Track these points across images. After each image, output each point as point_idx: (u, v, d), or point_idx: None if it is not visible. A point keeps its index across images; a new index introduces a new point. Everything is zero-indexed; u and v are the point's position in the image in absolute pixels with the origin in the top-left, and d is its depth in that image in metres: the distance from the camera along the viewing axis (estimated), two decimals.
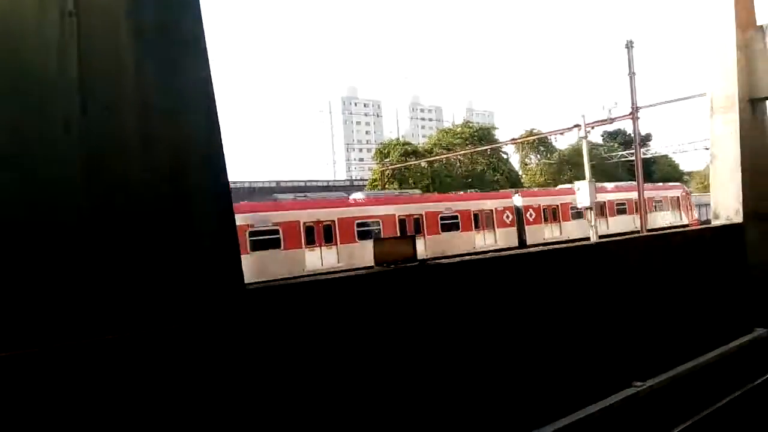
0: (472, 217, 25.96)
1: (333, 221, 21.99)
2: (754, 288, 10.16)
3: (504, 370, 6.29)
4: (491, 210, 26.55)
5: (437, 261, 7.31)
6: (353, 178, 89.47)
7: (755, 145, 11.30)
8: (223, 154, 3.25)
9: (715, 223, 11.40)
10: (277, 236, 20.94)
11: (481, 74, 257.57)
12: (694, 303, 9.12)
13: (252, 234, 20.35)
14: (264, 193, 38.50)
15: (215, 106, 3.21)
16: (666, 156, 53.71)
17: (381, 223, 23.25)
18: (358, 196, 25.75)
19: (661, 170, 57.85)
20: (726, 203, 11.26)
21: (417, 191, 32.45)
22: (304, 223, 21.43)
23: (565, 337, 7.28)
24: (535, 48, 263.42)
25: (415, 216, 24.47)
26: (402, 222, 23.99)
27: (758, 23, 11.06)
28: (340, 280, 5.46)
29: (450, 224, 25.43)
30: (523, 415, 5.73)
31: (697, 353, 8.09)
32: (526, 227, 27.62)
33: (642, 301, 8.33)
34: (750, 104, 11.09)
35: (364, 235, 22.37)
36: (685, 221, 35.59)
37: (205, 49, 3.16)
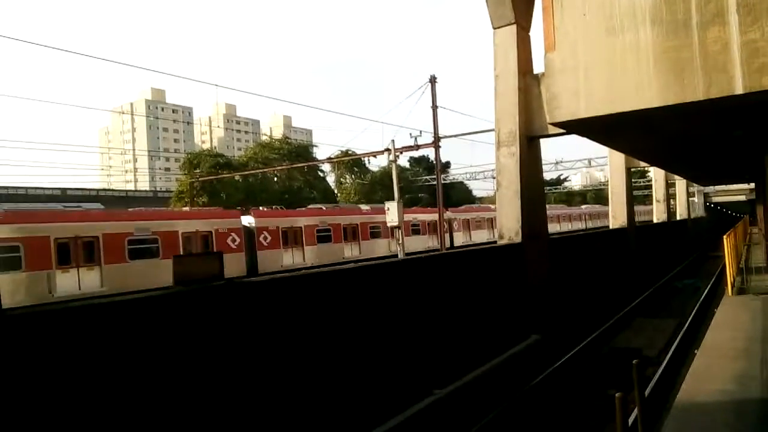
0: (180, 240, 21.46)
1: None
2: (531, 299, 11.80)
3: (290, 392, 6.12)
4: (209, 232, 22.48)
5: (247, 279, 6.87)
6: (157, 188, 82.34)
7: (530, 175, 13.26)
8: None
9: (500, 242, 13.00)
10: None
11: (301, 93, 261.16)
12: (485, 313, 10.17)
13: None
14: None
15: None
16: (462, 182, 60.51)
17: None
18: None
19: (457, 195, 64.97)
20: (509, 225, 12.94)
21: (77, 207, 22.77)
22: None
23: (365, 353, 7.42)
24: (355, 75, 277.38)
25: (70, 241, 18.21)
26: None
27: (535, 72, 13.11)
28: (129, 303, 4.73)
29: (140, 250, 19.99)
30: None
31: (488, 358, 8.99)
32: (260, 252, 24.26)
33: (441, 313, 8.98)
34: (527, 140, 13.02)
35: None
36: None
37: None
